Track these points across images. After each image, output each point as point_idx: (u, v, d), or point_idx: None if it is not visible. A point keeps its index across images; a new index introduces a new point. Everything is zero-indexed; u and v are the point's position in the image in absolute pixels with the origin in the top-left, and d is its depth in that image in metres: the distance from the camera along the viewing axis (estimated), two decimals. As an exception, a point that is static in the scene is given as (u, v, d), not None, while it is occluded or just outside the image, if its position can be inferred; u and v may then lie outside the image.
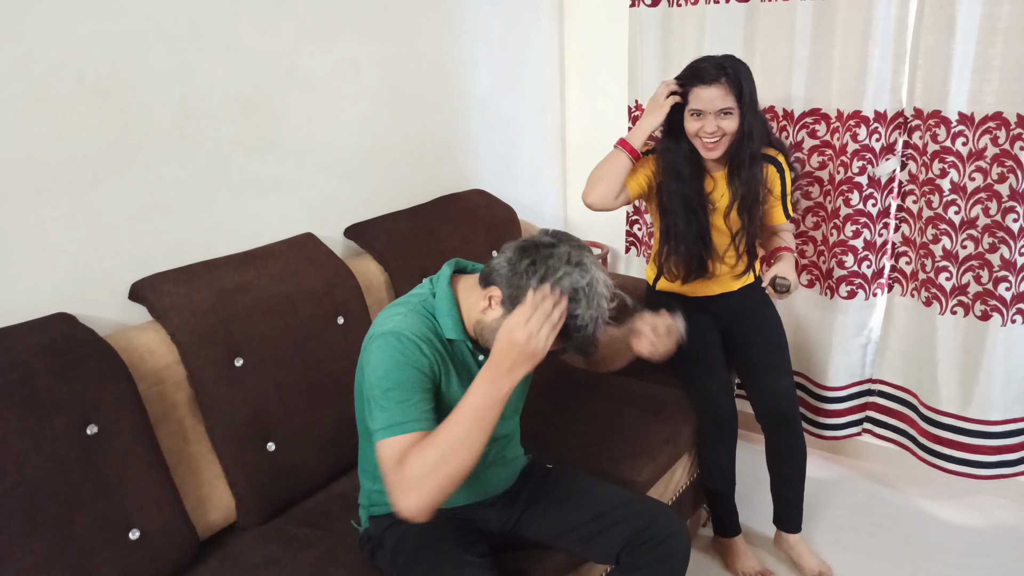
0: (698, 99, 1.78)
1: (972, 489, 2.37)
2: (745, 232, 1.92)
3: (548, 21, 2.73)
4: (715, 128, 1.78)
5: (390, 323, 1.30)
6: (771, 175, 1.95)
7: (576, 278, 1.23)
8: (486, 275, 1.32)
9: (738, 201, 1.89)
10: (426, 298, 1.36)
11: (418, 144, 2.30)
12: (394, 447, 1.20)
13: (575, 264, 1.24)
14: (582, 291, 1.23)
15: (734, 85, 1.75)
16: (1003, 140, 1.95)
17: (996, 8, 1.89)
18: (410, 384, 1.25)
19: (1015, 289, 2.02)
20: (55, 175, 1.49)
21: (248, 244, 1.83)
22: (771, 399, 1.97)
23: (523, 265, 1.25)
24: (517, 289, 1.25)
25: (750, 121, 1.79)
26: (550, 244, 1.27)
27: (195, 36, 1.68)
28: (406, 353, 1.26)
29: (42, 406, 1.30)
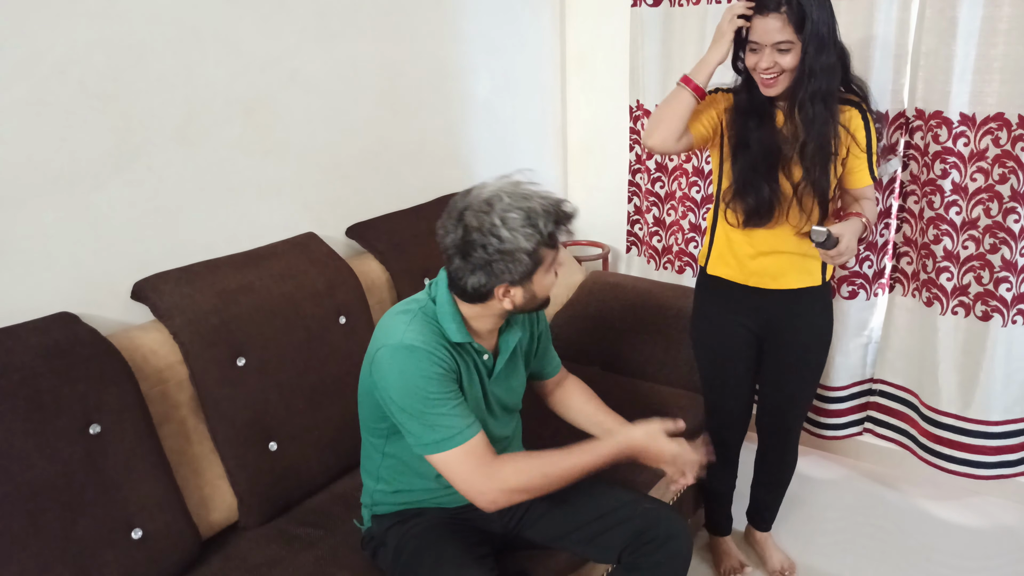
0: (755, 30, 1.56)
1: (973, 490, 2.38)
2: (809, 184, 1.63)
3: (549, 21, 2.73)
4: (771, 63, 1.56)
5: (398, 334, 1.31)
6: (855, 122, 1.66)
7: (503, 206, 1.25)
8: (478, 295, 1.31)
9: (799, 144, 1.61)
10: (426, 304, 1.37)
11: (419, 145, 2.31)
12: (466, 455, 1.27)
13: (488, 205, 1.26)
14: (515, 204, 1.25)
15: (794, 15, 1.51)
16: (1004, 141, 1.95)
17: (997, 10, 1.89)
18: (443, 394, 1.28)
19: (1016, 290, 2.02)
20: (58, 177, 1.50)
21: (250, 245, 1.83)
22: (777, 421, 1.94)
23: (480, 256, 1.26)
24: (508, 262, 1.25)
25: (813, 57, 1.53)
26: (463, 227, 1.26)
27: (197, 40, 1.68)
28: (425, 365, 1.28)
29: (45, 406, 1.31)
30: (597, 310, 2.35)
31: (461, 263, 1.29)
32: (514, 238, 1.24)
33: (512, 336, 1.45)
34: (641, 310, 2.28)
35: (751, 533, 2.15)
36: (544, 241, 1.27)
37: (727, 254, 1.79)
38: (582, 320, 2.36)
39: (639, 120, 2.61)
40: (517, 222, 1.24)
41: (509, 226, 1.24)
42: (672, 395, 2.07)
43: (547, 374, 1.64)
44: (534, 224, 1.25)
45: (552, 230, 1.28)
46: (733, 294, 1.80)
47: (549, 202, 1.29)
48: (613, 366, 2.25)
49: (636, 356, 2.23)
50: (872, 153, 1.69)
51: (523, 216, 1.25)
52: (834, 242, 1.54)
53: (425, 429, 1.28)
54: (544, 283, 1.34)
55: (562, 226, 1.30)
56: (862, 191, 1.73)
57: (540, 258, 1.29)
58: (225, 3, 1.72)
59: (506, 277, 1.28)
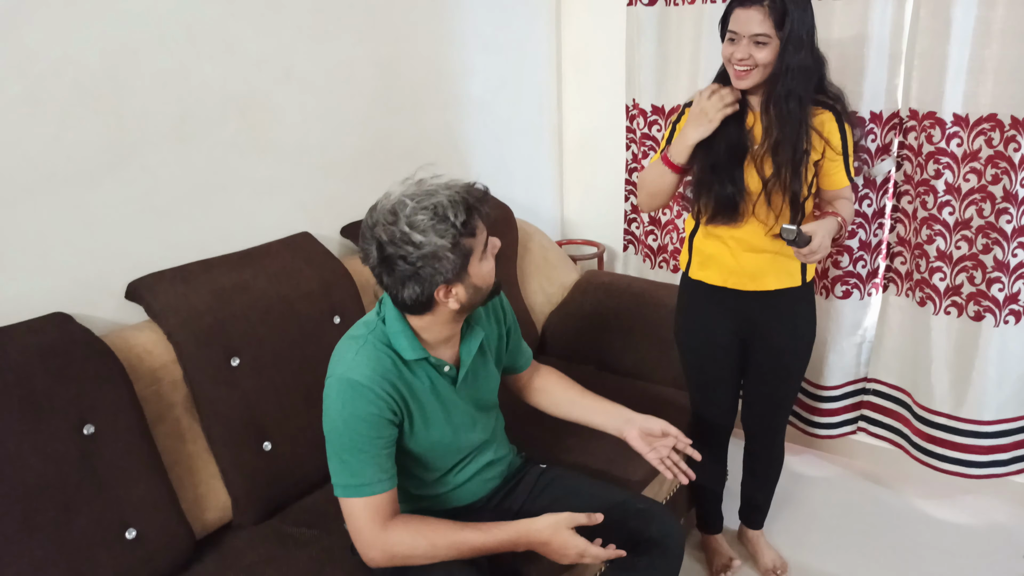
0: (735, 19, 1.57)
1: (966, 488, 2.39)
2: (779, 181, 1.64)
3: (545, 21, 2.73)
4: (746, 55, 1.56)
5: (345, 364, 1.29)
6: (829, 125, 1.67)
7: (408, 210, 1.21)
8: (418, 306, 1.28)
9: (771, 142, 1.63)
10: (375, 327, 1.34)
11: (415, 144, 2.31)
12: (367, 508, 1.27)
13: (393, 215, 1.22)
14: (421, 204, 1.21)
15: (775, 12, 1.52)
16: (997, 142, 1.96)
17: (990, 11, 1.89)
18: (369, 439, 1.27)
19: (1008, 290, 2.03)
20: (52, 176, 1.50)
21: (245, 244, 1.83)
22: (761, 419, 1.96)
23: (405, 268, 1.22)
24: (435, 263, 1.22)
25: (792, 55, 1.55)
26: (377, 245, 1.23)
27: (191, 39, 1.68)
28: (361, 404, 1.26)
29: (39, 406, 1.31)
30: (592, 309, 2.36)
31: (390, 279, 1.25)
32: (429, 239, 1.20)
33: (474, 341, 1.42)
34: (636, 309, 2.28)
35: (744, 532, 2.16)
36: (461, 232, 1.22)
37: (706, 258, 1.80)
38: (577, 319, 2.37)
39: (635, 119, 2.62)
40: (426, 222, 1.20)
41: (419, 229, 1.20)
42: (666, 394, 2.08)
43: (519, 367, 1.62)
44: (444, 218, 1.21)
45: (465, 218, 1.22)
46: (715, 296, 1.81)
47: (455, 191, 1.24)
48: (608, 365, 2.26)
49: (630, 355, 2.24)
50: (848, 154, 1.70)
51: (431, 214, 1.20)
52: (805, 239, 1.55)
53: (341, 468, 1.28)
54: (482, 272, 1.29)
55: (475, 211, 1.25)
56: (839, 192, 1.74)
57: (466, 249, 1.24)
58: (219, 2, 1.72)
59: (439, 279, 1.24)
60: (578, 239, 2.98)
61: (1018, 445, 2.19)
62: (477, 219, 1.26)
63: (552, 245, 2.55)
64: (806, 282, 1.79)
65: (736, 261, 1.76)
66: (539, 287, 2.43)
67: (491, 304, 1.50)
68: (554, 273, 2.48)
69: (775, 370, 1.86)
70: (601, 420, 1.55)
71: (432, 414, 1.37)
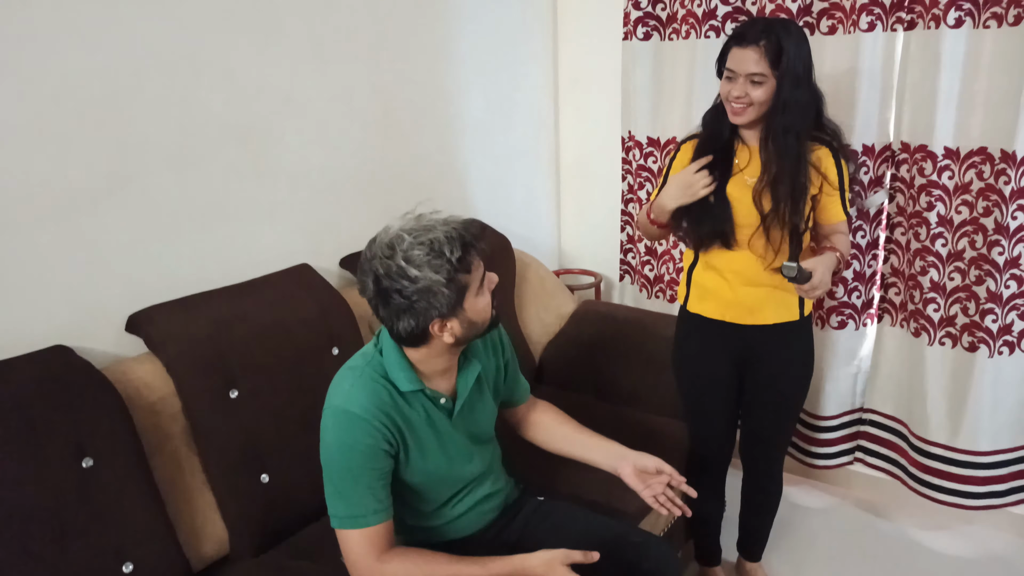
0: (732, 58, 1.61)
1: (964, 519, 2.38)
2: (778, 216, 1.65)
3: (542, 50, 2.77)
4: (742, 93, 1.61)
5: (341, 395, 1.30)
6: (826, 161, 1.70)
7: (405, 245, 1.22)
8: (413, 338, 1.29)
9: (769, 177, 1.65)
10: (372, 358, 1.35)
11: (413, 172, 2.33)
12: (362, 540, 1.28)
13: (390, 249, 1.23)
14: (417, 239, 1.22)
15: (771, 51, 1.56)
16: (988, 175, 1.99)
17: (979, 45, 1.93)
18: (365, 469, 1.28)
19: (1001, 321, 2.04)
20: (53, 204, 1.52)
21: (244, 272, 1.85)
22: (760, 451, 1.96)
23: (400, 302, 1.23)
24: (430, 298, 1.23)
25: (789, 92, 1.58)
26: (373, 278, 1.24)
27: (193, 66, 1.71)
28: (356, 435, 1.27)
29: (38, 439, 1.32)
30: (589, 339, 2.37)
31: (385, 312, 1.27)
32: (424, 274, 1.21)
33: (471, 373, 1.43)
34: (632, 339, 2.29)
35: (742, 564, 2.15)
36: (456, 268, 1.23)
37: (705, 291, 1.82)
38: (574, 348, 2.38)
39: (631, 151, 2.65)
40: (422, 257, 1.21)
41: (415, 263, 1.21)
42: (663, 423, 2.08)
43: (516, 401, 1.63)
44: (440, 254, 1.22)
45: (461, 254, 1.24)
46: (713, 329, 1.83)
47: (452, 227, 1.25)
48: (605, 394, 2.26)
49: (627, 384, 2.24)
50: (844, 190, 1.73)
51: (427, 250, 1.22)
52: (806, 276, 1.57)
53: (337, 499, 1.29)
54: (478, 307, 1.30)
55: (471, 247, 1.26)
56: (835, 226, 1.76)
57: (461, 285, 1.25)
58: (220, 31, 1.75)
59: (434, 313, 1.25)
60: (575, 269, 3.00)
61: (1015, 476, 2.19)
62: (473, 255, 1.27)
63: (549, 275, 2.57)
64: (804, 316, 1.81)
65: (734, 294, 1.77)
66: (536, 316, 2.44)
67: (489, 336, 1.51)
68: (551, 303, 2.49)
69: (773, 403, 1.87)
70: (596, 456, 1.55)
71: (428, 446, 1.38)
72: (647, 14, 2.46)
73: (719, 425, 1.93)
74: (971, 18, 1.92)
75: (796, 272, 1.56)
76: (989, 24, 1.90)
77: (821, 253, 1.69)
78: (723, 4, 2.29)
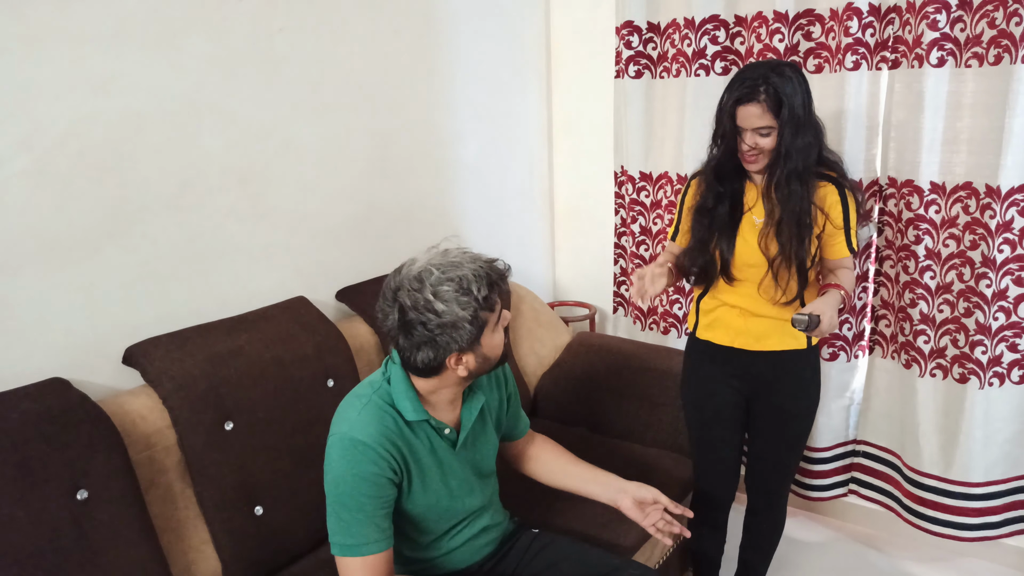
0: (738, 116, 1.65)
1: (959, 551, 2.38)
2: (784, 259, 1.69)
3: (536, 91, 2.83)
4: (753, 144, 1.65)
5: (348, 423, 1.31)
6: (831, 198, 1.72)
7: (433, 280, 1.25)
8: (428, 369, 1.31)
9: (774, 222, 1.70)
10: (380, 387, 1.36)
11: (409, 210, 2.37)
12: (362, 568, 1.29)
13: (418, 282, 1.25)
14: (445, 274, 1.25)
15: (772, 102, 1.60)
16: (973, 209, 2.03)
17: (961, 85, 1.98)
18: (368, 497, 1.29)
19: (991, 353, 2.06)
20: (54, 245, 1.54)
21: (241, 308, 1.86)
22: (765, 482, 1.96)
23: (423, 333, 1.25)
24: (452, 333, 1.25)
25: (790, 139, 1.62)
26: (399, 308, 1.27)
27: (193, 111, 1.74)
28: (362, 463, 1.28)
29: (33, 471, 1.32)
30: (583, 371, 2.38)
31: (406, 342, 1.29)
32: (451, 309, 1.24)
33: (475, 405, 1.44)
34: (627, 371, 2.31)
35: (738, 597, 2.14)
36: (481, 306, 1.27)
37: (714, 320, 1.85)
38: (568, 381, 2.39)
39: (623, 185, 2.69)
40: (450, 293, 1.25)
41: (443, 299, 1.24)
42: (657, 456, 2.09)
43: (516, 435, 1.65)
44: (468, 291, 1.25)
45: (487, 293, 1.27)
46: (721, 356, 1.85)
47: (480, 266, 1.29)
48: (599, 427, 2.27)
49: (622, 417, 2.25)
50: (849, 227, 1.74)
51: (455, 286, 1.25)
52: (816, 322, 1.58)
53: (339, 526, 1.30)
54: (493, 343, 1.34)
55: (496, 287, 1.30)
56: (840, 262, 1.78)
57: (482, 322, 1.29)
58: (221, 77, 1.79)
59: (453, 347, 1.28)
60: (570, 301, 3.03)
61: (1009, 507, 2.20)
62: (497, 294, 1.31)
63: (544, 307, 2.59)
64: (811, 345, 1.83)
65: (744, 323, 1.80)
66: (531, 349, 2.46)
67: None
68: (546, 335, 2.51)
69: (780, 432, 1.87)
70: (595, 489, 1.56)
71: (430, 476, 1.39)
72: (638, 53, 2.52)
73: (725, 455, 1.91)
74: (953, 57, 1.98)
75: (807, 323, 1.57)
76: (971, 64, 1.96)
77: (825, 291, 1.71)
78: (712, 44, 2.35)
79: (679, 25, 2.41)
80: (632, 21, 2.50)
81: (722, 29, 2.34)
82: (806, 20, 2.20)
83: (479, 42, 2.53)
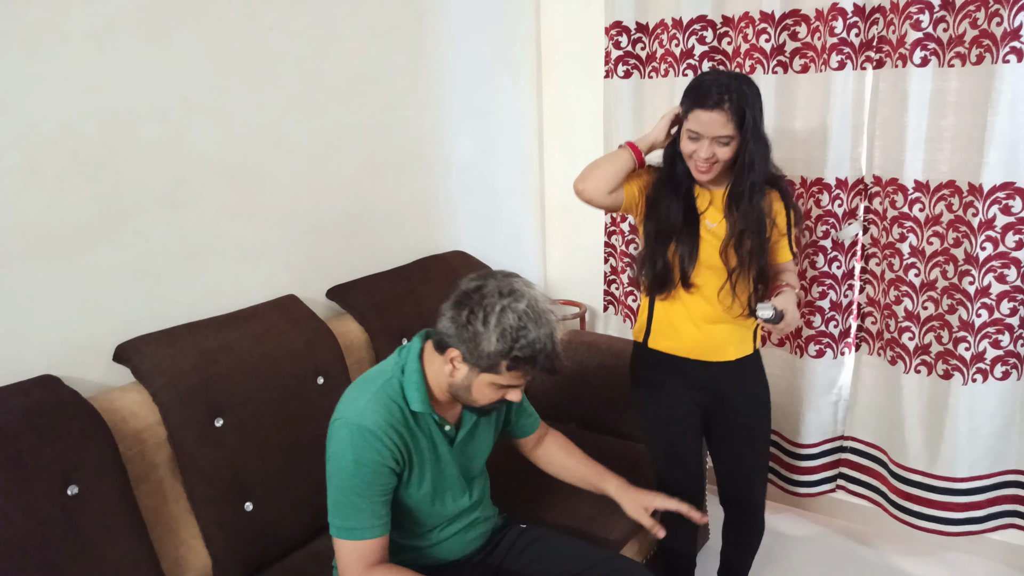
0: (697, 121, 1.61)
1: (945, 546, 2.41)
2: (744, 269, 1.71)
3: (527, 90, 2.85)
4: (710, 154, 1.63)
5: (356, 409, 1.33)
6: (776, 204, 1.76)
7: (515, 306, 1.28)
8: (438, 342, 1.36)
9: (735, 236, 1.69)
10: (392, 376, 1.38)
11: (400, 208, 2.38)
12: (355, 551, 1.31)
13: (508, 294, 1.29)
14: (526, 315, 1.28)
15: (736, 112, 1.58)
16: (957, 207, 2.05)
17: (945, 84, 2.01)
18: (369, 484, 1.31)
19: (974, 349, 2.09)
20: (47, 241, 1.55)
21: (233, 306, 1.88)
22: (738, 491, 1.94)
23: (464, 316, 1.29)
24: (471, 341, 1.29)
25: (752, 150, 1.62)
26: (478, 287, 1.31)
27: (186, 109, 1.75)
28: (366, 450, 1.30)
29: (24, 467, 1.33)
30: (573, 368, 2.40)
31: (450, 308, 1.32)
32: (494, 331, 1.27)
33: None
34: (616, 368, 2.32)
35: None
36: (505, 356, 1.28)
37: (667, 328, 1.81)
38: (559, 378, 2.40)
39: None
40: (508, 323, 1.26)
41: (499, 321, 1.27)
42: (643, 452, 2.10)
43: (524, 432, 1.67)
44: (515, 339, 1.27)
45: (520, 357, 1.28)
46: (677, 367, 1.82)
47: (542, 339, 1.29)
48: (589, 423, 2.29)
49: (612, 414, 2.27)
50: (791, 230, 1.80)
51: (515, 326, 1.27)
52: (780, 316, 1.61)
53: (336, 509, 1.32)
54: (483, 391, 1.35)
55: (531, 364, 1.30)
56: (784, 265, 1.83)
57: (493, 365, 1.29)
58: (214, 75, 1.80)
59: (462, 348, 1.30)
60: (560, 299, 3.04)
61: (993, 502, 2.22)
62: (525, 368, 1.31)
63: (534, 306, 2.60)
64: (756, 349, 1.87)
65: (700, 332, 1.77)
66: (521, 347, 2.47)
67: None
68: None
69: (743, 438, 1.86)
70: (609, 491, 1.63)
71: (426, 471, 1.41)
72: (627, 53, 2.54)
73: (693, 466, 1.89)
74: (936, 57, 2.00)
75: (772, 313, 1.60)
76: (954, 63, 1.98)
77: (778, 291, 1.73)
78: (700, 44, 2.37)
79: (667, 25, 2.43)
80: (621, 21, 2.52)
81: (709, 29, 2.36)
82: (792, 20, 2.22)
83: (471, 41, 2.55)
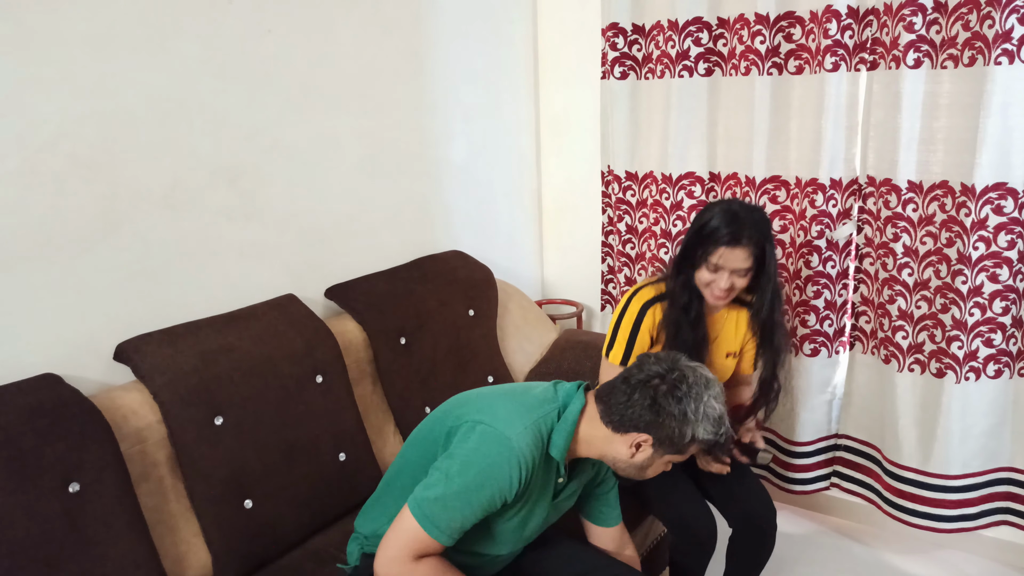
0: (719, 255, 1.71)
1: (940, 543, 2.43)
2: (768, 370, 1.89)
3: (524, 92, 2.86)
4: (728, 285, 1.73)
5: (512, 430, 1.34)
6: (742, 319, 1.92)
7: (714, 404, 1.34)
8: (621, 422, 1.35)
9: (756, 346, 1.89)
10: (551, 412, 1.39)
11: (397, 209, 2.40)
12: (417, 541, 1.30)
13: (706, 385, 1.35)
14: (721, 402, 1.35)
15: (756, 247, 1.71)
16: (950, 207, 2.07)
17: (938, 86, 2.03)
18: (477, 499, 1.31)
19: (967, 348, 2.11)
20: (47, 243, 1.56)
21: (232, 306, 1.89)
22: (745, 503, 1.89)
23: (671, 406, 1.32)
24: (674, 429, 1.32)
25: (773, 277, 1.78)
26: (681, 376, 1.34)
27: (184, 112, 1.77)
28: (502, 472, 1.31)
29: (26, 465, 1.35)
30: (570, 367, 2.41)
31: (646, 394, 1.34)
32: (701, 423, 1.32)
33: (585, 474, 1.51)
34: (612, 368, 2.34)
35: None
36: (699, 444, 1.35)
37: None
38: (555, 377, 2.42)
39: (610, 184, 2.73)
40: (714, 413, 1.34)
41: (707, 413, 1.33)
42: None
43: (599, 522, 1.62)
44: (719, 427, 1.35)
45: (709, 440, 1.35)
46: None
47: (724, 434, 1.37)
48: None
49: (607, 413, 2.28)
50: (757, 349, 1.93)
51: (720, 415, 1.35)
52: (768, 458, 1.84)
53: (432, 497, 1.30)
54: (659, 467, 1.41)
55: (719, 448, 1.39)
56: (747, 376, 1.98)
57: (685, 448, 1.35)
58: (212, 77, 1.82)
59: (655, 432, 1.33)
60: (557, 299, 3.06)
61: (986, 499, 2.24)
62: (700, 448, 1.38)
63: (531, 305, 2.62)
64: None
65: None
66: (518, 346, 2.49)
67: None
68: (533, 332, 2.54)
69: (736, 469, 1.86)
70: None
71: (524, 508, 1.41)
72: (623, 55, 2.55)
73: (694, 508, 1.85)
74: (929, 59, 2.02)
75: (770, 457, 1.76)
76: (946, 65, 2.00)
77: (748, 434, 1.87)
78: (695, 45, 2.39)
79: (663, 27, 2.45)
80: (617, 23, 2.54)
81: (705, 31, 2.38)
82: (787, 22, 2.24)
83: (468, 43, 2.56)
